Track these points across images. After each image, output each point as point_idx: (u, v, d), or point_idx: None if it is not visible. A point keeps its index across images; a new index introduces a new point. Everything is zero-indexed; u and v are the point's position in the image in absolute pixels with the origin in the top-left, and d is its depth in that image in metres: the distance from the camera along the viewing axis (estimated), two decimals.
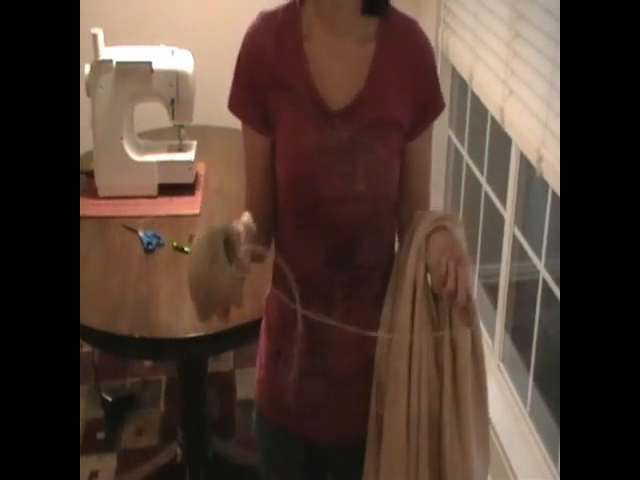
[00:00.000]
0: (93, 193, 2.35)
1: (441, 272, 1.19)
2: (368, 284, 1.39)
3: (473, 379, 1.36)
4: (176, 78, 2.30)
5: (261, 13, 1.35)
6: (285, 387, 1.46)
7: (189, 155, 2.41)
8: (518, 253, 2.36)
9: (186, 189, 2.38)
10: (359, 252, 1.36)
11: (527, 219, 2.37)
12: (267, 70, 1.32)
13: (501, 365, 2.49)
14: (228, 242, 1.18)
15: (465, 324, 1.22)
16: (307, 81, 1.30)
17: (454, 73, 2.74)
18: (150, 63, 2.27)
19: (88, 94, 2.29)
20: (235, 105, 1.37)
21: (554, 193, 1.96)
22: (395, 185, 1.36)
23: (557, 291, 2.00)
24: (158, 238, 2.15)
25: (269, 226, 1.41)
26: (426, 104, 1.35)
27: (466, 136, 2.70)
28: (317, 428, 1.47)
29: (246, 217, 1.39)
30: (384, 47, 1.31)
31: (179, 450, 2.46)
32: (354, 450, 1.42)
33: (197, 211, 2.29)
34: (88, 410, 2.84)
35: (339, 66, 1.31)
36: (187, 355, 2.09)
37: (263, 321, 1.53)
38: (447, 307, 1.32)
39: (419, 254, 1.30)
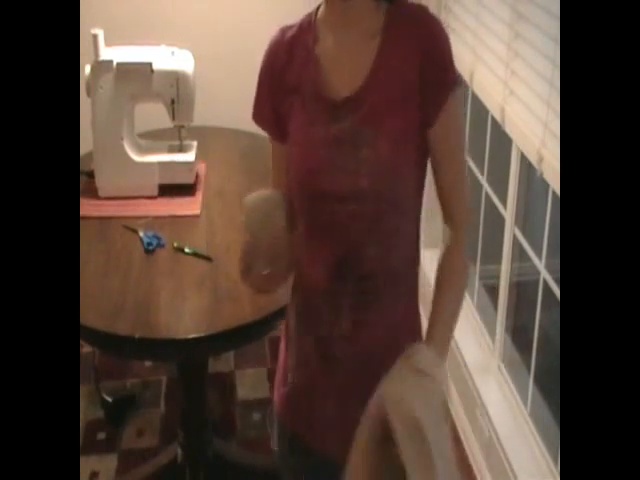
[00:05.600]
0: (93, 193, 2.34)
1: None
2: (377, 297, 1.36)
3: None
4: (176, 78, 2.30)
5: (280, 28, 1.39)
6: (299, 394, 1.47)
7: (189, 155, 2.41)
8: (518, 253, 2.36)
9: (186, 189, 2.38)
10: (366, 260, 1.34)
11: (527, 219, 2.37)
12: (279, 79, 1.35)
13: (501, 366, 2.50)
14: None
15: None
16: (313, 79, 1.32)
17: None
18: (150, 63, 2.27)
19: (88, 94, 2.29)
20: (257, 116, 1.42)
21: (554, 193, 1.96)
22: (402, 187, 1.33)
23: (557, 291, 2.00)
24: (158, 239, 2.15)
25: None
26: (435, 85, 1.30)
27: (466, 136, 2.70)
28: (330, 443, 1.45)
29: None
30: (389, 39, 1.31)
31: (179, 450, 2.46)
32: None
33: (197, 212, 2.29)
34: (88, 410, 2.84)
35: (344, 60, 1.32)
36: (187, 356, 2.09)
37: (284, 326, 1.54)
38: None
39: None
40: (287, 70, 1.35)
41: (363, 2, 1.31)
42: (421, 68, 1.29)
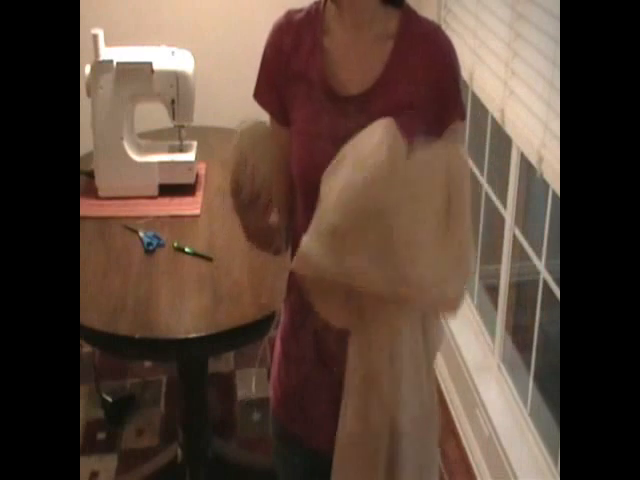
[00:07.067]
0: (93, 193, 2.34)
1: None
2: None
3: None
4: (176, 78, 2.30)
5: (287, 11, 1.40)
6: (294, 391, 1.48)
7: (189, 155, 2.41)
8: (518, 253, 2.36)
9: (187, 189, 2.38)
10: None
11: (527, 219, 2.38)
12: (285, 63, 1.36)
13: (501, 365, 2.50)
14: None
15: None
16: (321, 72, 1.33)
17: None
18: (150, 63, 2.27)
19: (88, 94, 2.29)
20: (258, 94, 1.43)
21: (554, 193, 1.96)
22: None
23: (557, 291, 2.00)
24: (158, 238, 2.15)
25: (288, 223, 1.44)
26: (442, 109, 1.33)
27: (466, 136, 2.70)
28: (324, 439, 1.45)
29: None
30: (403, 45, 1.32)
31: (179, 450, 2.46)
32: None
33: (197, 211, 2.29)
34: (88, 410, 2.84)
35: (355, 60, 1.33)
36: (187, 355, 2.09)
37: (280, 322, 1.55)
38: None
39: None
40: (294, 55, 1.35)
41: (371, 4, 1.31)
42: (434, 88, 1.32)
